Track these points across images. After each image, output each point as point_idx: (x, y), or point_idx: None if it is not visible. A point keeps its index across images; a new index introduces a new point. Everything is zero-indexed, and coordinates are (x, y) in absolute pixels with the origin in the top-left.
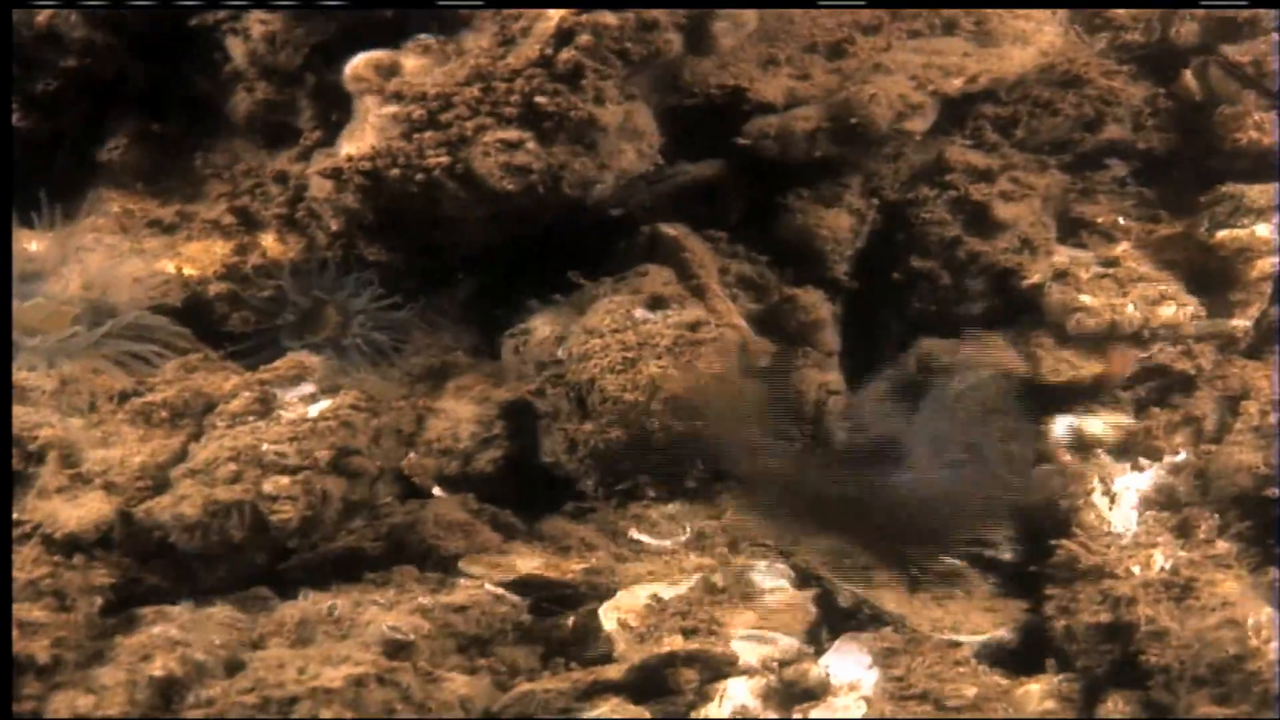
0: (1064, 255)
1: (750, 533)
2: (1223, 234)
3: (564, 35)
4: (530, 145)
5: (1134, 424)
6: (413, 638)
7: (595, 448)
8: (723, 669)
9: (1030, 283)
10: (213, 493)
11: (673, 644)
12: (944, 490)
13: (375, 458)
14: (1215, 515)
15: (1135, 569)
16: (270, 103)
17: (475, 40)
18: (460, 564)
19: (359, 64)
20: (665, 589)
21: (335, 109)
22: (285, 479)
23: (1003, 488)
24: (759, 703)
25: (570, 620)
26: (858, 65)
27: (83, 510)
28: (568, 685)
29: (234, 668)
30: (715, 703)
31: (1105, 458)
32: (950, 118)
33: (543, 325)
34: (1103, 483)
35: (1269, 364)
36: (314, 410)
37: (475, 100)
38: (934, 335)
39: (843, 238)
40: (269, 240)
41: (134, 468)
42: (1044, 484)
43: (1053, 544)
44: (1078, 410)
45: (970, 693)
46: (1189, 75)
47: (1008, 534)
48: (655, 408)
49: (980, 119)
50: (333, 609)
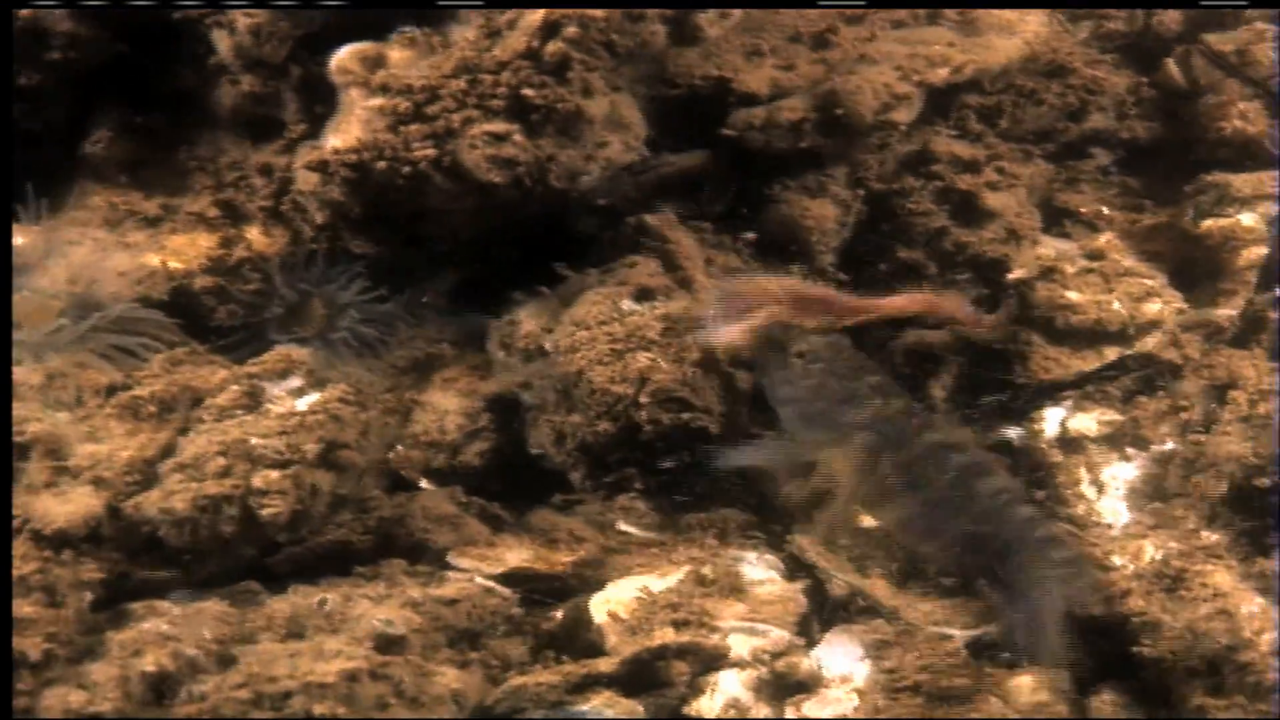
0: (1050, 248)
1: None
2: (1208, 223)
3: (550, 27)
4: (517, 137)
5: (1120, 417)
6: (404, 631)
7: (583, 440)
8: (714, 662)
9: (1015, 276)
10: (202, 487)
11: (664, 636)
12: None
13: (364, 451)
14: (1205, 505)
15: (1126, 561)
16: (255, 95)
17: (461, 33)
18: (449, 556)
19: (344, 56)
20: (655, 581)
21: (320, 101)
22: (275, 473)
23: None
24: (750, 695)
25: (560, 613)
26: (842, 56)
27: (72, 505)
28: (559, 678)
29: (226, 662)
30: (707, 695)
31: (1092, 448)
32: (935, 108)
33: (529, 317)
34: (1090, 473)
35: (1255, 353)
36: (302, 404)
37: (462, 93)
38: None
39: (828, 228)
40: (254, 233)
41: (122, 462)
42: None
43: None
44: (1064, 404)
45: (962, 685)
46: (1172, 64)
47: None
48: (643, 400)
49: (965, 109)
50: (323, 603)
